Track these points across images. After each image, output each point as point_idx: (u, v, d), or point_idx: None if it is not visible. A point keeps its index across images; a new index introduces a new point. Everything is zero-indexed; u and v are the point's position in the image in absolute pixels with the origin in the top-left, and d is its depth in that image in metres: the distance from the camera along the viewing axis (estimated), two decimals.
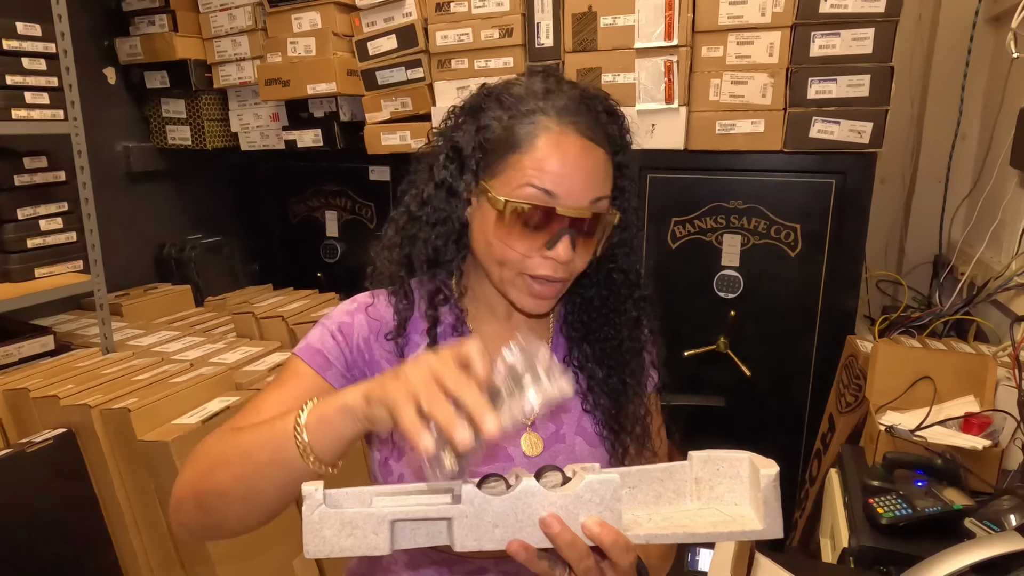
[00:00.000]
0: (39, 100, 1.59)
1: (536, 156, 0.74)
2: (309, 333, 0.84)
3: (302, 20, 2.09)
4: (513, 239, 0.76)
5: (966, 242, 2.09)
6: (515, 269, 0.78)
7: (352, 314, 0.84)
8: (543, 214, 0.74)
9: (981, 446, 1.29)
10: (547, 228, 0.75)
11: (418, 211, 0.83)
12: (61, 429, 1.44)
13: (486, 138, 0.77)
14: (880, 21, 1.65)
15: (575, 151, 0.75)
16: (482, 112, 0.79)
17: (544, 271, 0.77)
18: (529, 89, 0.78)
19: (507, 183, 0.75)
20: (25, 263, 1.66)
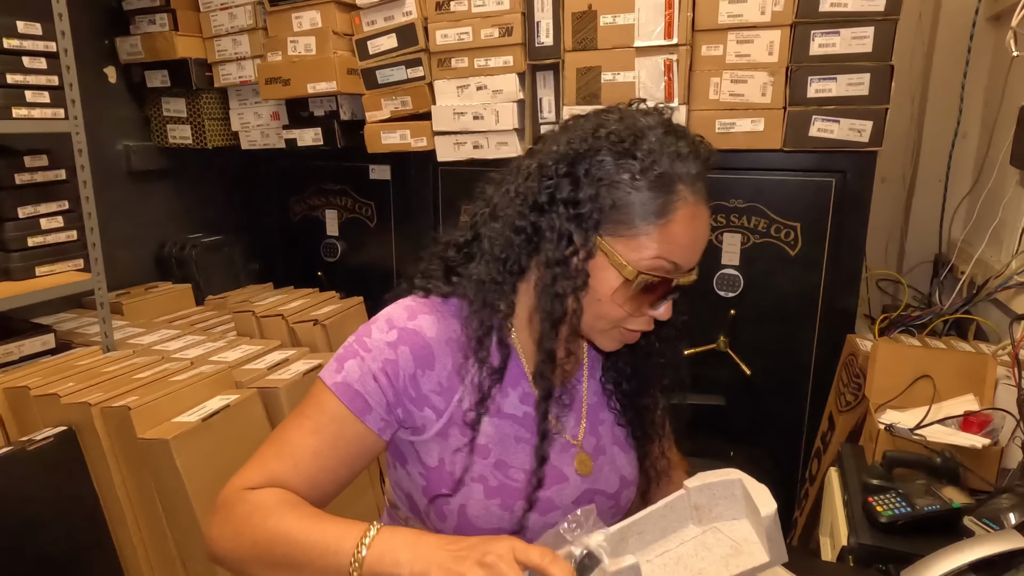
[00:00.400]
0: (40, 99, 1.59)
1: (672, 231, 0.73)
2: (346, 364, 0.77)
3: (302, 19, 2.09)
4: (627, 302, 0.76)
5: (966, 241, 2.09)
6: (614, 324, 0.78)
7: (395, 348, 0.77)
8: (665, 284, 0.76)
9: (980, 444, 1.29)
10: (659, 293, 0.77)
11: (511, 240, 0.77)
12: (61, 427, 1.44)
13: (614, 195, 0.73)
14: (880, 20, 1.65)
15: (702, 225, 0.76)
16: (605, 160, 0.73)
17: (642, 327, 0.79)
18: (662, 146, 0.73)
19: (636, 250, 0.73)
20: (26, 261, 1.66)
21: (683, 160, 0.73)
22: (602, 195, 0.73)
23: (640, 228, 0.72)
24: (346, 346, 0.79)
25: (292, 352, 1.85)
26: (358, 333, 0.80)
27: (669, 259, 0.74)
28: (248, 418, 1.59)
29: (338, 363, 0.78)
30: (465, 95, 2.01)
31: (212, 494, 1.44)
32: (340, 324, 2.00)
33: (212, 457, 1.48)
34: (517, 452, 0.81)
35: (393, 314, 0.80)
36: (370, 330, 0.79)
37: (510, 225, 0.77)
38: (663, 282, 0.75)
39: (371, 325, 0.80)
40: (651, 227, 0.72)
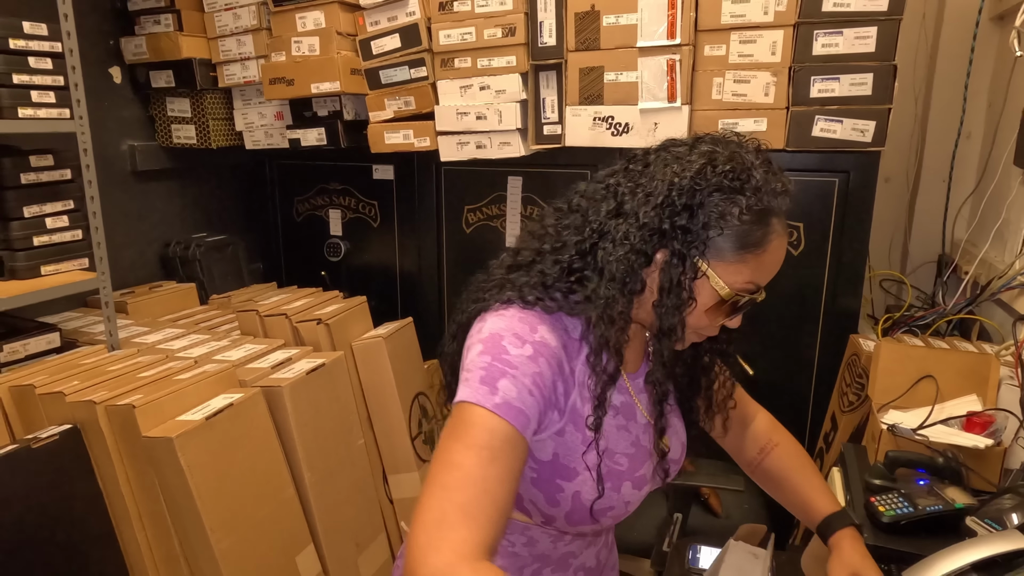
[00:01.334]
0: (45, 99, 1.60)
1: (765, 259, 0.83)
2: (499, 384, 0.77)
3: (306, 19, 2.10)
4: (713, 316, 0.86)
5: (970, 241, 2.09)
6: (696, 331, 0.89)
7: (536, 360, 0.81)
8: (748, 301, 0.86)
9: (983, 445, 1.29)
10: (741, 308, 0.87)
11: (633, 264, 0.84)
12: (66, 425, 1.45)
13: (724, 226, 0.82)
14: (883, 19, 1.65)
15: (783, 252, 0.86)
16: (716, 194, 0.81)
17: (714, 333, 0.91)
18: (765, 183, 0.82)
19: (733, 274, 0.83)
20: (31, 260, 1.67)
21: (779, 197, 0.83)
22: (711, 225, 0.82)
23: (740, 256, 0.83)
24: (486, 367, 0.78)
25: (295, 351, 1.85)
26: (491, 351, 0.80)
27: (758, 282, 0.85)
28: (251, 417, 1.59)
29: (488, 385, 0.76)
30: (468, 95, 2.01)
31: (216, 492, 1.46)
32: (343, 324, 2.01)
33: (215, 455, 1.49)
34: (620, 440, 0.91)
35: (515, 328, 0.82)
36: (504, 347, 0.80)
37: (633, 248, 0.83)
38: (749, 304, 0.87)
39: (500, 342, 0.81)
40: (749, 255, 0.83)
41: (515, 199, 2.19)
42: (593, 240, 0.86)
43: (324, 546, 1.71)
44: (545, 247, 0.90)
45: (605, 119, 1.91)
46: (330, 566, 1.72)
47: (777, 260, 0.85)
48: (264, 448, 1.61)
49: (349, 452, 1.84)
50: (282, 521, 1.62)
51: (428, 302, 2.40)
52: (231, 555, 1.48)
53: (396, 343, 2.02)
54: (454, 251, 2.33)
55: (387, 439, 2.00)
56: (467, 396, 0.76)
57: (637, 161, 0.89)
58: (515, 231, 2.20)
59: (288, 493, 1.65)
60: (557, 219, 0.92)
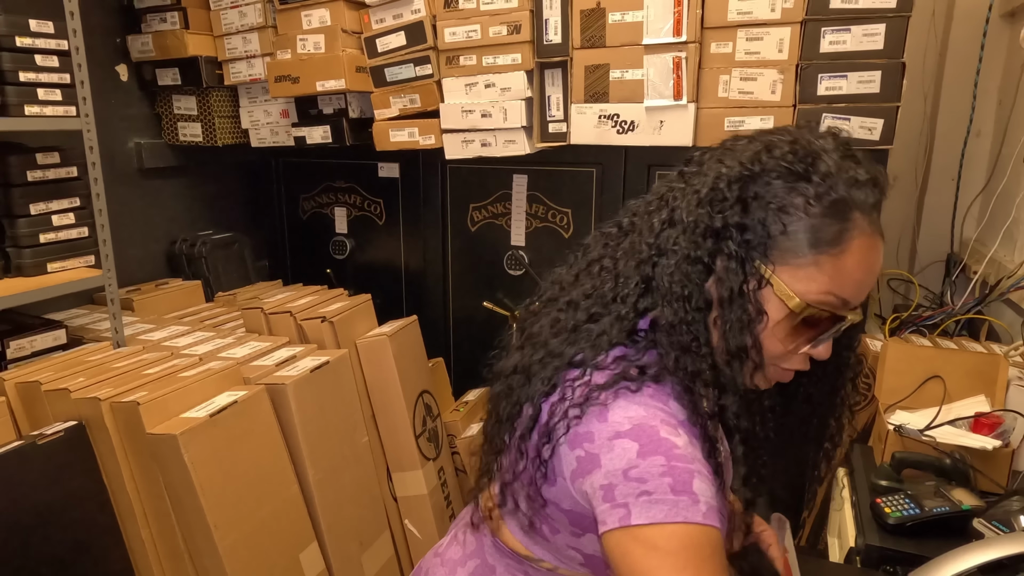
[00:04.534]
0: (52, 97, 1.61)
1: (845, 262, 0.67)
2: (694, 487, 0.63)
3: (311, 17, 2.10)
4: (788, 337, 0.70)
5: (979, 240, 2.07)
6: (770, 359, 0.72)
7: (694, 444, 0.69)
8: (830, 320, 0.70)
9: (991, 446, 1.28)
10: (823, 328, 0.70)
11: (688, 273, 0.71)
12: (72, 422, 1.46)
13: (788, 221, 0.68)
14: (891, 16, 1.63)
15: (878, 258, 0.70)
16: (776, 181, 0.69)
17: (798, 366, 0.73)
18: (839, 170, 0.68)
19: (804, 280, 0.68)
20: (38, 258, 1.68)
21: (861, 187, 0.68)
22: (771, 220, 0.68)
23: (811, 257, 0.67)
24: (668, 471, 0.64)
25: (300, 349, 1.85)
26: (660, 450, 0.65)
27: (839, 294, 0.68)
28: (256, 414, 1.60)
29: (687, 494, 0.63)
30: (473, 93, 2.01)
31: (219, 489, 1.46)
32: (348, 321, 2.01)
33: (220, 452, 1.49)
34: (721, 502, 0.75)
35: (657, 413, 0.69)
36: (669, 440, 0.66)
37: (685, 257, 0.70)
38: (829, 318, 0.69)
39: (658, 435, 0.66)
40: (823, 257, 0.67)
41: (520, 197, 2.19)
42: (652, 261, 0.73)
43: (328, 544, 1.71)
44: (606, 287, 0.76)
45: (610, 117, 1.90)
46: (334, 564, 1.72)
47: (867, 267, 0.69)
48: (268, 446, 1.61)
49: (353, 450, 1.84)
50: (286, 518, 1.62)
51: (433, 300, 2.39)
52: (235, 552, 1.48)
53: (401, 341, 2.02)
54: (459, 249, 2.32)
55: (391, 437, 2.00)
56: (665, 516, 0.61)
57: (692, 163, 0.77)
58: (520, 229, 2.20)
59: (292, 491, 1.65)
60: (607, 247, 0.79)
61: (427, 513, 2.00)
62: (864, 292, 0.70)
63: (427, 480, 2.01)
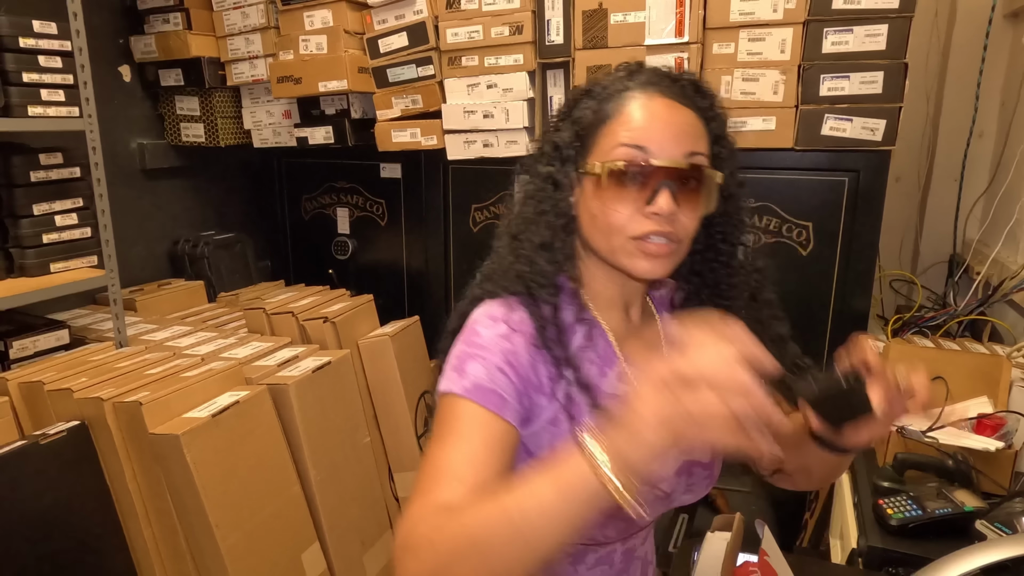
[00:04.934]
0: (55, 97, 1.61)
1: (624, 118, 0.78)
2: (467, 367, 0.74)
3: (314, 18, 2.10)
4: (615, 202, 0.77)
5: (982, 241, 2.06)
6: (623, 234, 0.78)
7: (510, 338, 0.77)
8: (638, 169, 0.76)
9: (994, 448, 1.27)
10: (646, 185, 0.76)
11: (529, 214, 0.84)
12: (74, 421, 1.46)
13: (581, 126, 0.81)
14: (894, 17, 1.63)
15: (662, 108, 0.78)
16: (575, 107, 0.83)
17: (650, 227, 0.77)
18: (615, 76, 0.82)
19: (601, 153, 0.79)
20: (41, 258, 1.69)
21: (632, 76, 0.81)
22: (573, 132, 0.82)
23: (601, 133, 0.79)
24: (458, 354, 0.76)
25: (302, 349, 1.86)
26: (465, 339, 0.78)
27: (632, 143, 0.76)
28: (257, 414, 1.60)
29: (458, 371, 0.74)
30: (475, 93, 2.01)
31: (221, 489, 1.47)
32: (350, 322, 2.01)
33: (222, 452, 1.49)
34: None
35: (491, 312, 0.80)
36: (477, 331, 0.78)
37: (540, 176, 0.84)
38: (638, 168, 0.76)
39: (475, 327, 0.79)
40: (607, 127, 0.79)
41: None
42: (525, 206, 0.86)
43: (329, 544, 1.71)
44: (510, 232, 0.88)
45: None
46: (335, 564, 1.72)
47: (651, 115, 0.77)
48: (270, 446, 1.62)
49: (355, 450, 1.84)
50: (287, 518, 1.62)
51: (435, 301, 2.39)
52: (236, 552, 1.48)
53: (402, 342, 2.02)
54: (461, 249, 2.32)
55: (393, 437, 2.00)
56: (440, 387, 0.75)
57: None
58: None
59: (294, 491, 1.65)
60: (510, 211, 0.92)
61: None
62: (662, 137, 0.77)
63: None
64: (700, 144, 0.78)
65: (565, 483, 0.57)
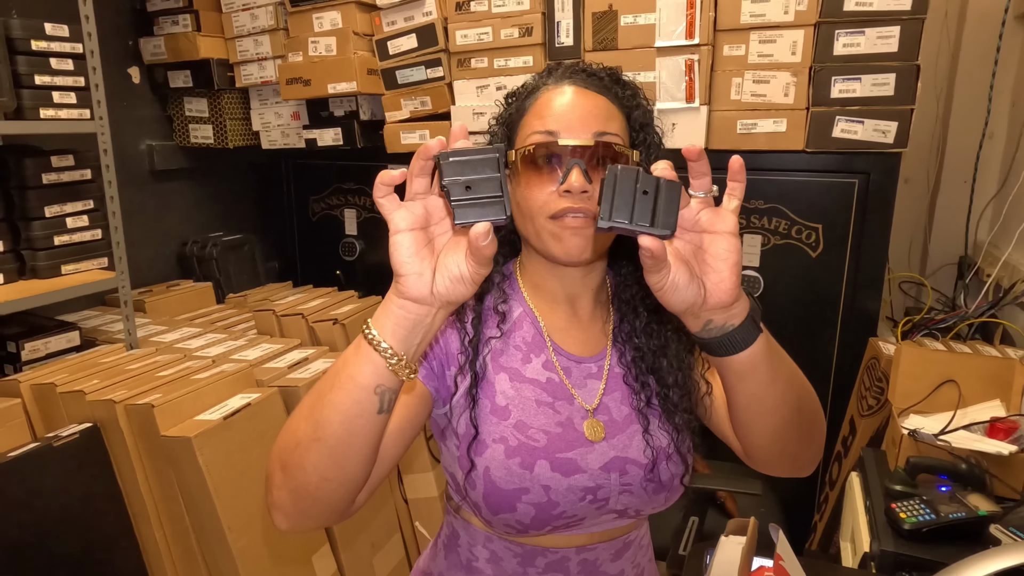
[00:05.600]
0: (66, 100, 1.62)
1: (536, 109, 0.82)
2: None
3: (323, 20, 2.10)
4: (531, 187, 0.80)
5: (992, 243, 2.06)
6: (542, 215, 0.81)
7: None
8: (546, 151, 0.80)
9: (1007, 451, 1.27)
10: (559, 166, 0.80)
11: None
12: (87, 424, 1.47)
13: (506, 124, 0.86)
14: (906, 19, 1.63)
15: (572, 95, 0.82)
16: (505, 108, 0.89)
17: (565, 204, 0.79)
18: (536, 75, 0.88)
19: (519, 143, 0.83)
20: (52, 260, 1.69)
21: (549, 74, 0.86)
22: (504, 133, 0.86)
23: (520, 126, 0.83)
24: None
25: (312, 351, 1.86)
26: None
27: (541, 129, 0.80)
28: (268, 416, 1.60)
29: None
30: (485, 95, 2.01)
31: (233, 491, 1.47)
32: (359, 323, 2.00)
33: (233, 455, 1.49)
34: (538, 414, 0.84)
35: None
36: None
37: None
38: (547, 149, 0.79)
39: None
40: (524, 119, 0.83)
41: None
42: None
43: (340, 546, 1.71)
44: None
45: None
46: (346, 566, 1.73)
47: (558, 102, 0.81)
48: None
49: None
50: None
51: None
52: (248, 554, 1.49)
53: None
54: None
55: None
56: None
57: None
58: None
59: None
60: None
61: (438, 515, 2.00)
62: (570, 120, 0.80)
63: (438, 482, 2.01)
64: (612, 125, 0.81)
65: (353, 347, 0.66)
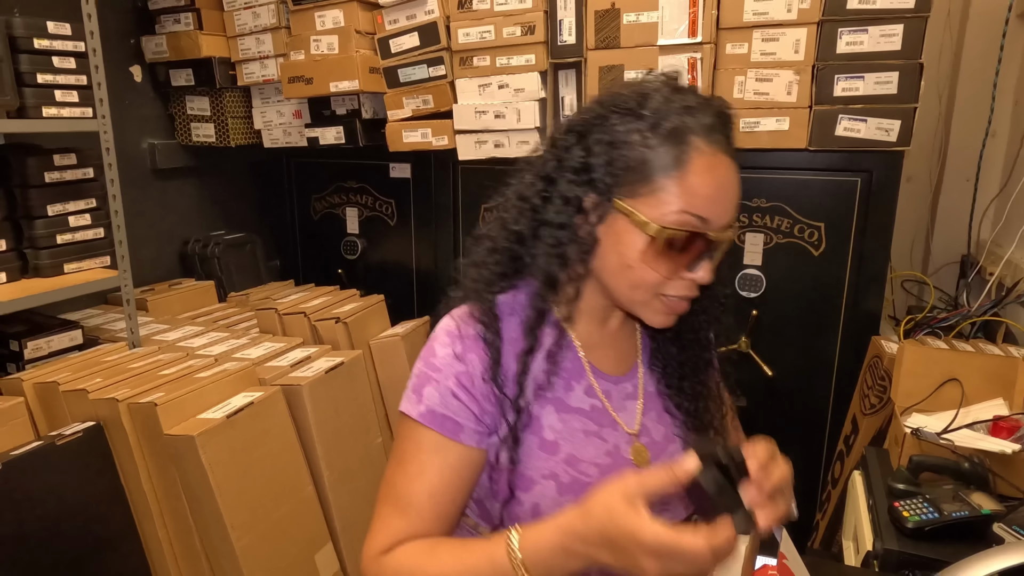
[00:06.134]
0: (69, 98, 1.62)
1: (691, 182, 0.72)
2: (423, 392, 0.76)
3: (325, 18, 2.10)
4: (659, 263, 0.74)
5: (995, 242, 2.05)
6: (652, 291, 0.76)
7: (463, 358, 0.77)
8: (695, 240, 0.73)
9: (1010, 450, 1.27)
10: (693, 252, 0.75)
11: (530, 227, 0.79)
12: (90, 422, 1.47)
13: (626, 155, 0.73)
14: (909, 17, 1.62)
15: (725, 173, 0.74)
16: (614, 124, 0.75)
17: (684, 292, 0.77)
18: (668, 102, 0.74)
19: (656, 207, 0.73)
20: (54, 258, 1.69)
21: (692, 113, 0.73)
22: (615, 159, 0.73)
23: (658, 183, 0.72)
24: (417, 373, 0.78)
25: (314, 349, 1.86)
26: (424, 356, 0.79)
27: (693, 212, 0.72)
28: (271, 415, 1.60)
29: (416, 393, 0.77)
30: (487, 94, 2.01)
31: (236, 489, 1.47)
32: (361, 322, 2.01)
33: (236, 453, 1.50)
34: (587, 446, 0.80)
35: (450, 326, 0.80)
36: (434, 349, 0.79)
37: (522, 197, 0.80)
38: (693, 238, 0.73)
39: (433, 344, 0.79)
40: (668, 180, 0.72)
41: None
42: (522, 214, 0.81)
43: (343, 544, 1.71)
44: (489, 236, 0.85)
45: None
46: (348, 564, 1.73)
47: (715, 183, 0.73)
48: (284, 446, 1.62)
49: (367, 451, 1.85)
50: (301, 519, 1.63)
51: None
52: (251, 552, 1.49)
53: (413, 342, 2.03)
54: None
55: None
56: (401, 406, 0.77)
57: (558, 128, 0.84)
58: None
59: (307, 491, 1.66)
60: (498, 211, 0.87)
61: None
62: (720, 209, 0.74)
63: None
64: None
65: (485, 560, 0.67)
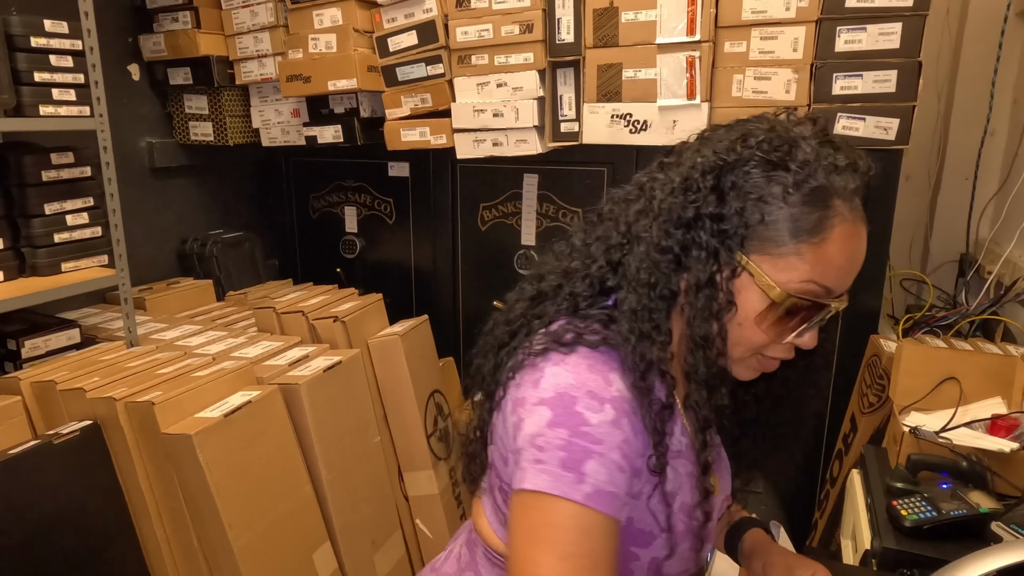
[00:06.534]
0: (66, 97, 1.61)
1: (827, 250, 0.67)
2: (585, 467, 0.63)
3: (323, 16, 2.10)
4: (771, 327, 0.70)
5: (994, 240, 2.05)
6: (754, 351, 0.72)
7: (619, 424, 0.66)
8: (814, 309, 0.69)
9: (1008, 449, 1.27)
10: (806, 318, 0.70)
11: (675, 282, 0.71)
12: (87, 421, 1.46)
13: (763, 209, 0.67)
14: (908, 15, 1.62)
15: (859, 245, 0.70)
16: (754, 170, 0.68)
17: (783, 355, 0.73)
18: (818, 157, 0.68)
19: (786, 270, 0.67)
20: (52, 257, 1.69)
21: (841, 173, 0.68)
22: (749, 209, 0.67)
23: (791, 247, 0.67)
24: (565, 446, 0.64)
25: (312, 348, 1.86)
26: (566, 422, 0.65)
27: (821, 282, 0.68)
28: (269, 414, 1.60)
29: (574, 471, 0.63)
30: (485, 92, 2.01)
31: (234, 488, 1.47)
32: (360, 321, 2.01)
33: (234, 452, 1.49)
34: (693, 491, 0.75)
35: (588, 384, 0.68)
36: (581, 415, 0.65)
37: (655, 246, 0.70)
38: (812, 307, 0.69)
39: (574, 407, 0.66)
40: (803, 246, 0.67)
41: (531, 197, 2.18)
42: (624, 248, 0.74)
43: (340, 543, 1.71)
44: (573, 265, 0.77)
45: (623, 116, 1.89)
46: (346, 563, 1.73)
47: (849, 254, 0.68)
48: (281, 445, 1.62)
49: (365, 450, 1.85)
50: (299, 518, 1.63)
51: (443, 299, 2.39)
52: (249, 552, 1.49)
53: (412, 341, 2.02)
54: (469, 248, 2.32)
55: (403, 437, 2.00)
56: (547, 487, 0.63)
57: (672, 153, 0.77)
58: (531, 229, 2.20)
59: (305, 490, 1.65)
60: (586, 232, 0.80)
61: (438, 513, 2.00)
62: (848, 280, 0.70)
63: (438, 480, 2.01)
64: None
65: None
